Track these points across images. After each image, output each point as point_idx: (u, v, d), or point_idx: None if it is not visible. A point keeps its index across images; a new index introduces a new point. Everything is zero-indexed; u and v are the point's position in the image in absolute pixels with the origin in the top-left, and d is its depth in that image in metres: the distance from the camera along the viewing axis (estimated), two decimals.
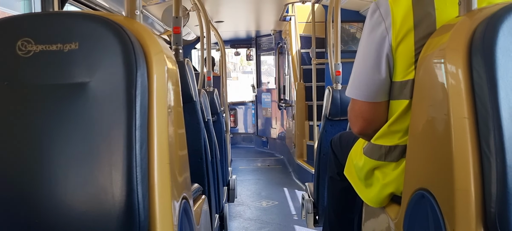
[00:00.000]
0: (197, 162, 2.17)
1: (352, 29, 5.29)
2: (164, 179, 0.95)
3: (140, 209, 0.89)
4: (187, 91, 2.02)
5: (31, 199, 0.89)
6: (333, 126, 2.91)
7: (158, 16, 4.74)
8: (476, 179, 0.88)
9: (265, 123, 8.08)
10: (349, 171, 1.45)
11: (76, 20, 0.95)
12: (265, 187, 5.11)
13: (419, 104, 1.11)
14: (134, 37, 0.95)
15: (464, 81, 0.90)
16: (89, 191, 0.89)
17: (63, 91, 0.91)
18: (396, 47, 1.18)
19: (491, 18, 0.91)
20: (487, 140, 0.87)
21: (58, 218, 0.89)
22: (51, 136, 0.90)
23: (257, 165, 6.61)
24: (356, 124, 1.33)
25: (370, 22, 1.24)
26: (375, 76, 1.22)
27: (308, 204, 3.01)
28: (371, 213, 1.43)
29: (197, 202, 1.56)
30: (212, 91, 3.71)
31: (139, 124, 0.90)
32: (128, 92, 0.89)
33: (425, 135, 1.07)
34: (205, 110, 2.61)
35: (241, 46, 8.65)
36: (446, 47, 0.97)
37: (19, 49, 0.92)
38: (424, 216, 1.03)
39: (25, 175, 0.90)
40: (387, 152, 1.24)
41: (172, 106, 1.04)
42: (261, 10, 5.82)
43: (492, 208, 0.86)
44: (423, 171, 1.07)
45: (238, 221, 3.84)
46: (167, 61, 1.03)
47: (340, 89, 2.89)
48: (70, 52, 0.91)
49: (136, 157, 0.88)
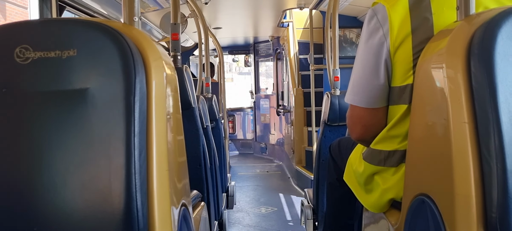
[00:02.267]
0: (196, 168, 2.16)
1: (351, 34, 5.31)
2: (163, 186, 0.94)
3: (139, 216, 0.88)
4: (185, 98, 2.01)
5: (30, 206, 0.89)
6: (331, 132, 2.91)
7: (156, 23, 4.74)
8: (477, 184, 0.87)
9: (263, 129, 8.08)
10: (349, 176, 1.45)
11: (74, 27, 0.94)
12: (264, 193, 5.10)
13: (418, 109, 1.10)
14: (133, 43, 0.94)
15: (463, 86, 0.90)
16: (88, 198, 0.88)
17: (61, 98, 0.90)
18: (394, 52, 1.19)
19: (489, 23, 0.91)
20: (487, 144, 0.86)
21: (57, 225, 0.89)
22: (50, 143, 0.89)
23: (256, 171, 6.60)
24: (354, 130, 1.33)
25: (368, 29, 1.24)
26: (374, 82, 1.22)
27: (307, 210, 3.00)
28: (371, 218, 1.43)
29: (196, 208, 1.56)
30: (210, 98, 3.71)
31: (138, 131, 0.89)
32: (126, 99, 0.89)
33: (425, 140, 1.07)
34: (204, 117, 2.61)
35: (239, 52, 8.66)
36: (444, 52, 0.97)
37: (17, 56, 0.92)
38: (425, 221, 1.03)
39: (24, 182, 0.89)
40: (387, 157, 1.24)
41: (171, 112, 1.04)
42: (259, 17, 5.84)
43: (493, 213, 0.86)
44: (423, 176, 1.07)
45: (237, 228, 3.83)
46: (166, 67, 1.03)
47: (338, 95, 2.89)
48: (68, 59, 0.91)
49: (135, 163, 0.88)
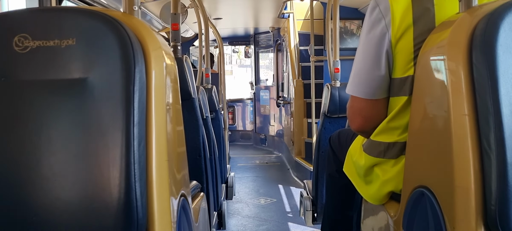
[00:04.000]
0: (196, 159, 2.16)
1: (352, 26, 5.29)
2: (163, 176, 0.94)
3: (138, 206, 0.88)
4: (185, 88, 2.01)
5: (28, 195, 0.89)
6: (331, 123, 2.90)
7: (156, 13, 4.72)
8: (476, 176, 0.87)
9: (263, 120, 8.08)
10: (349, 167, 1.45)
11: (73, 15, 0.94)
12: (264, 185, 5.10)
13: (419, 101, 1.10)
14: (132, 33, 0.94)
15: (464, 78, 0.90)
16: (87, 188, 0.88)
17: (60, 87, 0.90)
18: (396, 43, 1.18)
19: (491, 15, 0.91)
20: (487, 137, 0.86)
21: (56, 214, 0.89)
22: (48, 132, 0.89)
23: (255, 162, 6.61)
24: (355, 121, 1.33)
25: (370, 19, 1.24)
26: (375, 73, 1.22)
27: (307, 201, 3.00)
28: (370, 210, 1.43)
29: (196, 199, 1.56)
30: (210, 89, 3.70)
31: (137, 121, 0.89)
32: (126, 89, 0.89)
33: (425, 132, 1.06)
34: (204, 108, 2.60)
35: (240, 43, 8.64)
36: (446, 43, 0.97)
37: (16, 45, 0.91)
38: (424, 213, 1.03)
39: (23, 171, 0.89)
40: (386, 148, 1.24)
41: (170, 103, 1.04)
42: (259, 7, 5.81)
43: (492, 206, 0.86)
44: (423, 168, 1.07)
45: (237, 219, 3.84)
46: (166, 57, 1.02)
47: (338, 86, 2.88)
48: (67, 48, 0.91)
49: (134, 153, 0.88)
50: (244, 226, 3.65)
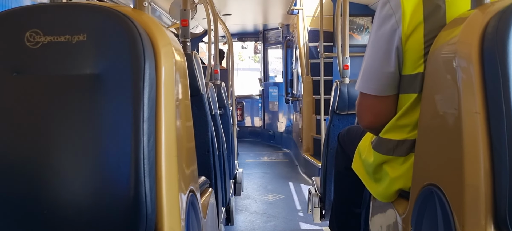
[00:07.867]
0: (204, 155, 2.17)
1: (361, 21, 5.26)
2: (172, 172, 0.95)
3: (147, 201, 0.88)
4: (194, 84, 2.01)
5: (39, 189, 0.90)
6: (340, 120, 2.89)
7: (166, 8, 4.73)
8: (487, 175, 0.86)
9: (272, 116, 8.07)
10: (357, 165, 1.44)
11: (84, 11, 0.94)
12: (272, 181, 5.11)
13: (429, 98, 1.09)
14: (142, 29, 0.94)
15: (475, 75, 0.89)
16: (97, 183, 0.89)
17: (71, 83, 0.91)
18: (406, 40, 1.17)
19: (504, 12, 0.90)
20: (498, 135, 0.85)
21: (66, 209, 0.89)
22: (59, 127, 0.90)
23: (263, 158, 6.61)
24: (364, 118, 1.32)
25: (380, 16, 1.23)
26: (385, 70, 1.21)
27: (315, 198, 3.00)
28: (378, 208, 1.43)
29: (204, 195, 1.56)
30: (219, 85, 3.71)
31: (147, 116, 0.89)
32: (136, 85, 0.89)
33: (435, 130, 1.06)
34: (213, 104, 2.61)
35: (249, 39, 8.62)
36: (458, 40, 0.96)
37: (27, 40, 0.92)
38: (433, 211, 1.02)
39: (33, 166, 0.90)
40: (396, 146, 1.24)
41: (180, 99, 1.04)
42: (268, 4, 5.79)
43: (502, 204, 0.85)
44: (432, 166, 1.06)
45: (245, 215, 3.85)
46: (175, 53, 1.02)
47: (348, 83, 2.87)
48: (78, 43, 0.91)
49: (144, 149, 0.88)
50: (252, 222, 3.66)
